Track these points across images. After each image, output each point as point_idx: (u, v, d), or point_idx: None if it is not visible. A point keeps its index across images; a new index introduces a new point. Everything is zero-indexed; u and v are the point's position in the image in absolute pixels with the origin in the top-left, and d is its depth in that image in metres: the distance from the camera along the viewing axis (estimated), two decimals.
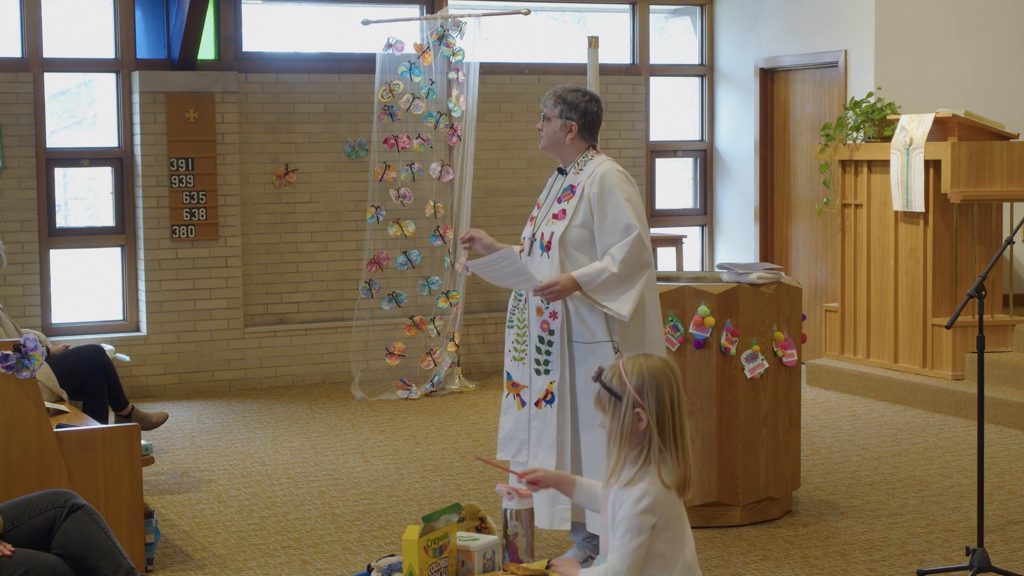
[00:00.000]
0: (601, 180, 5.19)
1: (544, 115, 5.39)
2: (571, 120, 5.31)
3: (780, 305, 6.15)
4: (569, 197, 5.26)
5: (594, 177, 5.21)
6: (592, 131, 5.36)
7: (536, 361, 5.29)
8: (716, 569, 5.52)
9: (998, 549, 5.68)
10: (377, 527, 6.17)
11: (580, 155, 5.34)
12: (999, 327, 8.80)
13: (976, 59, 9.88)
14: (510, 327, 5.43)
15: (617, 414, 3.56)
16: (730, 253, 11.19)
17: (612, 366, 3.64)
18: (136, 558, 5.25)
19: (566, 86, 5.41)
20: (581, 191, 5.22)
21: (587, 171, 5.26)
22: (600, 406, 3.63)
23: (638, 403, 3.54)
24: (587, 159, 5.32)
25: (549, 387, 5.25)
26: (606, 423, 3.62)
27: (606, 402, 3.60)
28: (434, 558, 3.58)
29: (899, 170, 8.82)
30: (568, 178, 5.33)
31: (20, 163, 9.16)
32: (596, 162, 5.29)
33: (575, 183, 5.27)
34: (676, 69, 11.31)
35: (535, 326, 5.29)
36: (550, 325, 5.24)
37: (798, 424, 6.35)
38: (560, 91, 5.35)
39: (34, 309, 9.22)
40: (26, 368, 5.14)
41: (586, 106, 5.31)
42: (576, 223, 5.22)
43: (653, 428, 3.54)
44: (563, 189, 5.32)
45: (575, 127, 5.31)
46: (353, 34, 10.01)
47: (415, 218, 9.61)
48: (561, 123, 5.32)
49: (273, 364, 9.76)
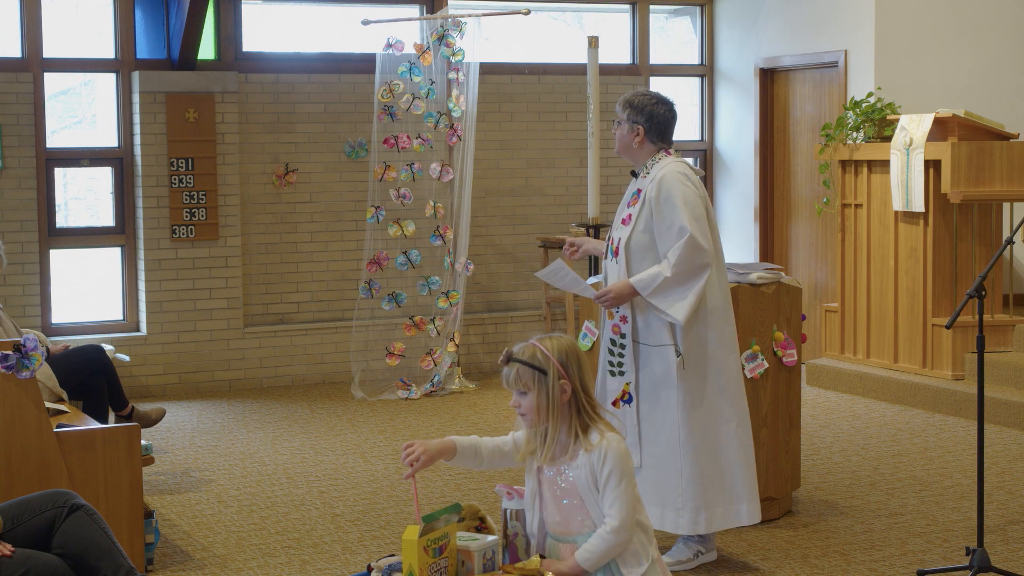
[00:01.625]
0: (660, 183, 5.27)
1: (616, 120, 5.47)
2: (638, 124, 5.37)
3: (780, 305, 6.15)
4: (635, 202, 5.36)
5: (655, 181, 5.29)
6: (661, 134, 5.39)
7: (609, 363, 5.42)
8: (716, 569, 5.52)
9: (998, 549, 5.68)
10: (377, 527, 6.17)
11: (650, 158, 5.40)
12: (999, 327, 8.80)
13: (976, 59, 9.88)
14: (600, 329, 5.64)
15: (544, 387, 3.78)
16: (730, 253, 11.15)
17: (525, 346, 3.85)
18: (136, 558, 5.25)
19: (637, 90, 5.51)
20: (644, 196, 5.32)
21: (652, 175, 5.34)
22: (520, 384, 3.81)
23: (562, 375, 3.78)
24: (655, 162, 5.39)
25: (626, 388, 5.38)
26: (523, 401, 3.81)
27: (529, 379, 3.79)
28: (434, 558, 3.58)
29: (899, 170, 8.82)
30: (637, 182, 5.43)
31: (20, 163, 9.16)
32: (661, 164, 5.35)
33: (641, 187, 5.37)
34: (676, 69, 11.31)
35: (607, 329, 5.44)
36: (621, 328, 5.39)
37: (798, 424, 6.35)
38: (629, 95, 5.44)
39: (34, 309, 9.22)
40: (26, 368, 5.14)
41: (652, 109, 5.37)
42: (640, 228, 5.32)
43: (580, 397, 3.81)
44: (632, 194, 5.42)
45: (642, 131, 5.37)
46: (353, 34, 10.01)
47: (415, 218, 9.61)
48: (629, 127, 5.40)
49: (273, 364, 9.76)
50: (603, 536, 3.73)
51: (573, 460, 3.79)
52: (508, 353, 3.85)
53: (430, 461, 3.81)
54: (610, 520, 3.73)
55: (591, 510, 3.77)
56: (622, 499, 3.73)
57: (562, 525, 3.82)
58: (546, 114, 10.59)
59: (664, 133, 5.39)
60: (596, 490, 3.76)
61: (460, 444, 3.90)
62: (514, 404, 3.85)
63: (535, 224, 10.51)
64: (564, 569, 3.75)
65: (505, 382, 3.86)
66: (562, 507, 3.81)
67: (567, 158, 10.67)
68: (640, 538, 3.81)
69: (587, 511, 3.78)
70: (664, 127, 5.38)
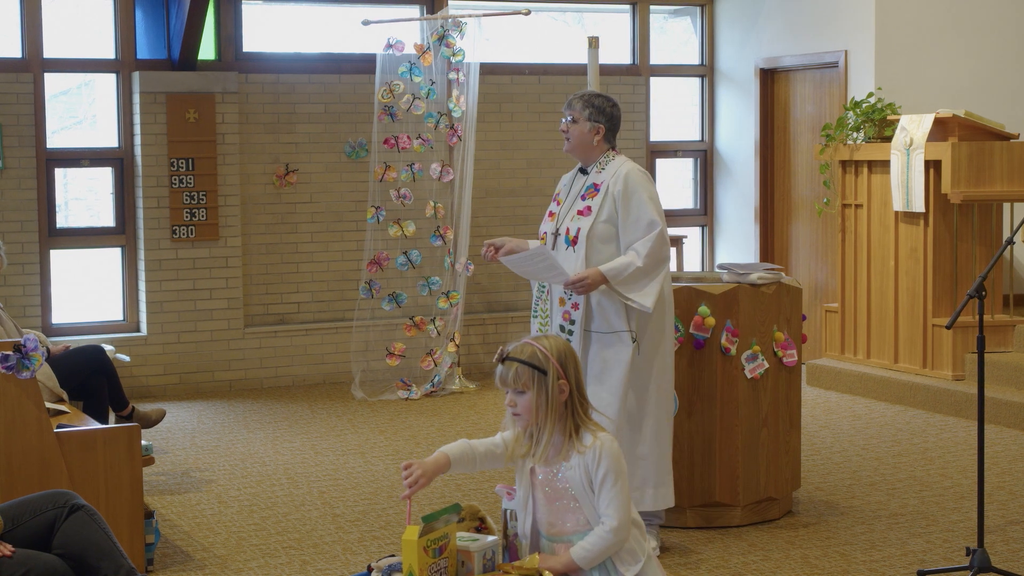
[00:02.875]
0: (625, 179, 5.53)
1: (571, 118, 5.66)
2: (599, 123, 5.64)
3: (780, 305, 6.15)
4: (593, 195, 5.58)
5: (618, 176, 5.55)
6: (614, 134, 5.72)
7: None
8: (716, 569, 5.52)
9: (998, 549, 5.68)
10: (377, 527, 6.17)
11: (602, 156, 5.65)
12: (999, 327, 8.80)
13: (976, 59, 9.88)
14: (534, 317, 5.77)
15: (544, 387, 3.76)
16: (730, 253, 11.19)
17: (522, 345, 3.83)
18: (136, 558, 5.25)
19: (590, 91, 5.76)
20: (606, 189, 5.55)
21: (610, 170, 5.59)
22: (518, 383, 3.78)
23: (561, 375, 3.77)
24: (608, 159, 5.65)
25: None
26: (520, 401, 3.79)
27: (528, 378, 3.77)
28: (434, 558, 3.58)
29: (899, 170, 8.82)
30: (590, 177, 5.65)
31: (20, 163, 9.16)
32: (618, 162, 5.63)
33: (598, 181, 5.59)
34: (676, 69, 11.31)
35: (557, 316, 5.61)
36: (571, 315, 5.57)
37: (798, 424, 6.35)
38: (587, 96, 5.67)
39: (34, 309, 9.23)
40: (26, 368, 5.15)
41: (611, 111, 5.68)
42: (601, 219, 5.54)
43: (576, 397, 3.81)
44: (586, 187, 5.63)
45: (602, 130, 5.64)
46: (353, 34, 10.01)
47: (415, 218, 9.61)
48: (590, 126, 5.63)
49: (273, 364, 9.76)
50: (602, 535, 3.73)
51: (566, 461, 3.78)
52: (504, 351, 3.82)
53: (428, 482, 3.78)
54: (608, 520, 3.73)
55: (585, 510, 3.77)
56: (619, 499, 3.73)
57: (556, 526, 3.81)
58: (546, 114, 10.59)
59: (616, 133, 5.73)
60: (591, 491, 3.76)
61: (453, 456, 3.87)
62: (509, 403, 3.83)
63: (535, 224, 10.45)
64: (557, 565, 3.75)
65: (500, 381, 3.83)
66: (555, 508, 3.80)
67: (567, 158, 10.60)
68: (635, 535, 3.81)
69: (581, 511, 3.78)
70: (618, 128, 5.76)
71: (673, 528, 6.01)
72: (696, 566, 5.56)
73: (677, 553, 5.71)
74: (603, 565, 3.76)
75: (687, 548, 5.78)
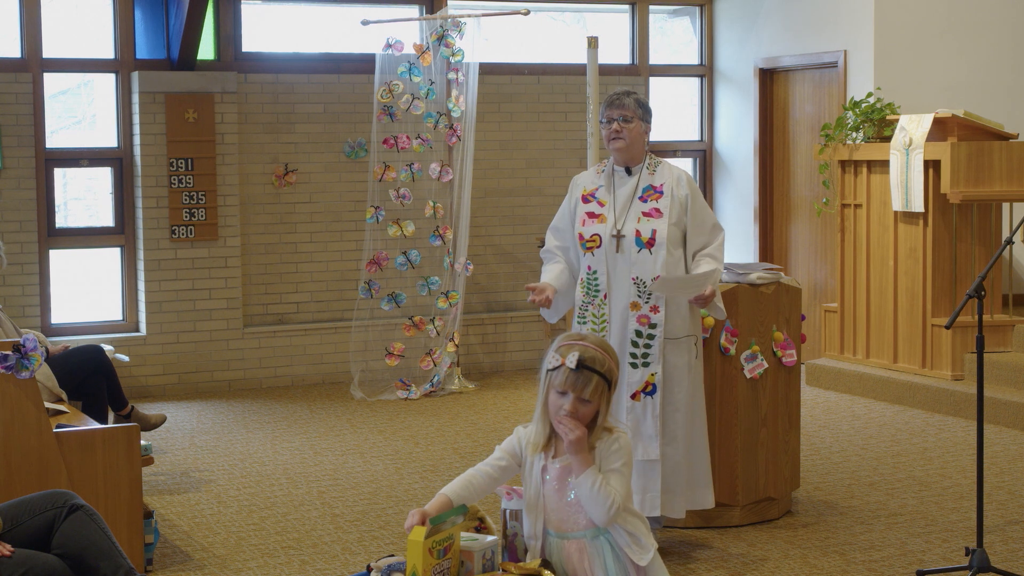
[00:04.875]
0: (687, 183, 5.62)
1: (623, 117, 5.63)
2: (648, 124, 5.69)
3: (780, 305, 6.15)
4: (657, 197, 5.58)
5: (679, 180, 5.64)
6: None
7: (632, 355, 5.56)
8: (716, 569, 5.52)
9: (998, 549, 5.68)
10: (377, 527, 6.17)
11: (647, 157, 5.68)
12: (999, 327, 8.80)
13: (976, 59, 9.88)
14: (582, 322, 5.64)
15: (607, 400, 3.67)
16: (730, 253, 11.13)
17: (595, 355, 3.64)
18: (136, 558, 5.25)
19: (634, 91, 5.75)
20: (671, 192, 5.58)
21: (664, 173, 5.64)
22: (592, 394, 3.63)
23: (614, 384, 3.70)
24: (655, 162, 5.69)
25: (650, 379, 5.55)
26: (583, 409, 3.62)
27: (602, 392, 3.64)
28: (438, 559, 3.58)
29: (899, 170, 8.82)
30: (642, 178, 5.64)
31: (20, 163, 9.16)
32: (666, 165, 5.71)
33: (655, 183, 5.61)
34: (676, 69, 11.31)
35: (631, 321, 5.54)
36: (651, 319, 5.54)
37: (798, 424, 6.35)
38: (638, 96, 5.71)
39: (34, 309, 9.22)
40: (26, 368, 5.14)
41: (651, 111, 5.73)
42: (672, 221, 5.57)
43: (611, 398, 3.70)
44: (643, 189, 5.61)
45: (650, 130, 5.70)
46: (353, 34, 10.01)
47: (415, 218, 9.61)
48: (644, 126, 5.67)
49: (273, 364, 9.76)
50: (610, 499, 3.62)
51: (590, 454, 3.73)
52: (580, 358, 3.62)
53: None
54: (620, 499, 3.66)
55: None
56: (624, 486, 3.68)
57: (567, 523, 3.78)
58: (546, 114, 10.59)
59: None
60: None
61: (454, 495, 3.75)
62: (571, 411, 3.63)
63: (535, 224, 10.50)
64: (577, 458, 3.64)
65: (569, 386, 3.62)
66: (567, 504, 3.77)
67: (567, 158, 10.66)
68: (641, 528, 3.79)
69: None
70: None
71: (673, 528, 6.01)
72: (696, 566, 5.56)
73: (677, 553, 5.71)
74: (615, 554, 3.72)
75: (687, 548, 5.78)
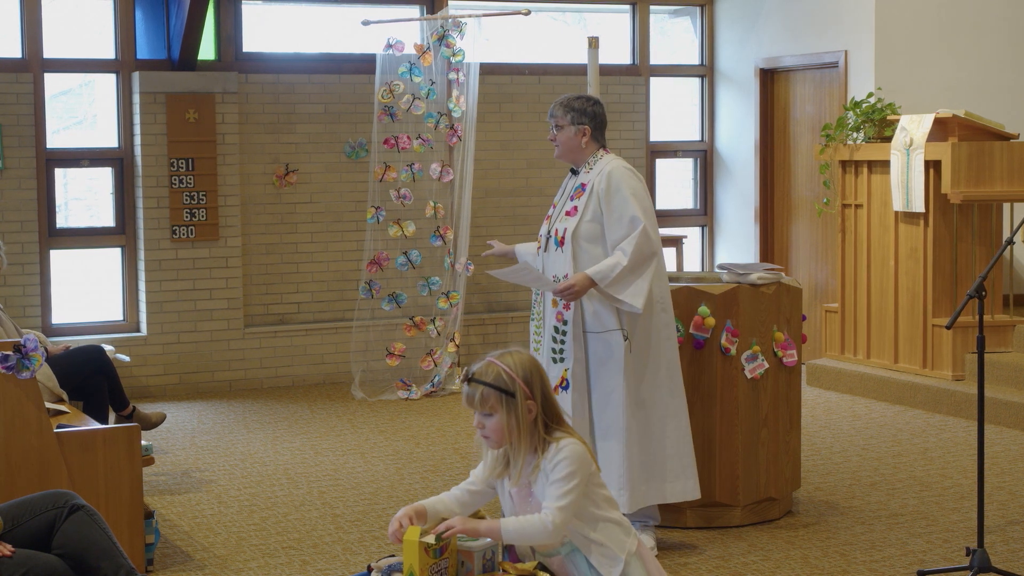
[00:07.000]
0: (608, 176, 5.53)
1: (556, 125, 5.70)
2: (583, 125, 5.64)
3: (780, 305, 6.15)
4: (580, 195, 5.60)
5: (602, 174, 5.55)
6: (602, 132, 5.71)
7: (552, 350, 5.62)
8: (716, 569, 5.52)
9: (998, 549, 5.68)
10: (377, 527, 6.17)
11: (592, 156, 5.66)
12: (999, 327, 8.80)
13: (976, 59, 9.88)
14: (532, 320, 5.82)
15: (513, 410, 3.67)
16: (730, 253, 11.18)
17: (485, 366, 3.72)
18: (136, 558, 5.25)
19: (569, 96, 5.77)
20: (591, 188, 5.56)
21: (596, 169, 5.61)
22: (485, 406, 3.69)
23: (528, 396, 3.68)
24: (597, 159, 5.66)
25: (564, 374, 5.57)
26: (488, 423, 3.69)
27: (496, 401, 3.68)
28: (435, 559, 3.58)
29: (899, 170, 8.82)
30: (580, 177, 5.67)
31: (20, 163, 9.16)
32: (605, 160, 5.63)
33: (586, 181, 5.61)
34: (676, 69, 11.31)
35: (550, 317, 5.64)
36: (564, 316, 5.58)
37: (798, 424, 6.35)
38: (565, 100, 5.71)
39: (34, 310, 9.23)
40: (26, 368, 5.14)
41: (593, 110, 5.67)
42: (587, 218, 5.55)
43: (546, 412, 3.71)
44: (575, 188, 5.66)
45: (588, 131, 5.65)
46: (353, 34, 10.01)
47: (415, 218, 9.61)
48: (575, 129, 5.64)
49: (273, 364, 9.76)
50: (536, 523, 3.64)
51: (536, 473, 3.72)
52: (468, 372, 3.72)
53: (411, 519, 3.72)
54: (548, 514, 3.64)
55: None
56: (565, 498, 3.64)
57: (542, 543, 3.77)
58: (546, 114, 10.56)
59: (603, 131, 5.71)
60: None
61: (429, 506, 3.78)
62: (478, 425, 3.73)
63: (535, 224, 10.48)
64: (481, 527, 3.67)
65: (467, 402, 3.72)
66: None
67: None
68: (615, 535, 3.75)
69: None
70: (604, 125, 5.72)
71: (673, 528, 6.01)
72: (696, 566, 5.56)
73: (677, 553, 5.71)
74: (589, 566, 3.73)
75: (687, 548, 5.78)
